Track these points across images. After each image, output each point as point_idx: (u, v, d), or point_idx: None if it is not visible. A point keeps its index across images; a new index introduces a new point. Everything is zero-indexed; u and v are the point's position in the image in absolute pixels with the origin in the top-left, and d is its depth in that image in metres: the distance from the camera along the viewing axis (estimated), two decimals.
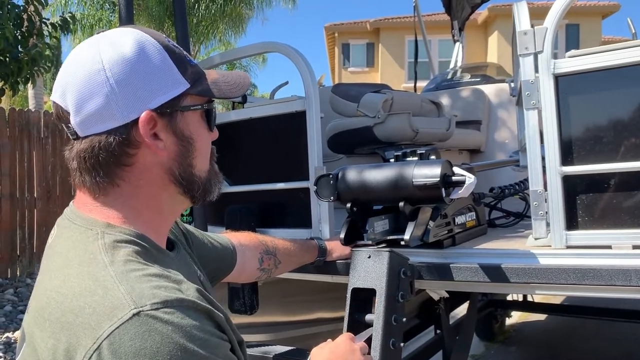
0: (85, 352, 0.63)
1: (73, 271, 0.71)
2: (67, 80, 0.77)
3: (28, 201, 6.18)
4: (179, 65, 0.80)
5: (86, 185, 0.79)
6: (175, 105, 0.80)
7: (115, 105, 0.75)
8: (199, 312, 0.69)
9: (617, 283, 1.21)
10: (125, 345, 0.62)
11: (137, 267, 0.71)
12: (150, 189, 0.81)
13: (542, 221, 1.40)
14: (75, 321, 0.65)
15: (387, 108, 2.47)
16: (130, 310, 0.64)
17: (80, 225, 0.78)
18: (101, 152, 0.76)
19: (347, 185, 1.45)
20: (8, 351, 4.03)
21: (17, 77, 3.83)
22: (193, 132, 0.83)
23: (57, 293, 0.69)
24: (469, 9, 4.65)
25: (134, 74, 0.76)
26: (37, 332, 0.69)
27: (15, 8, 3.77)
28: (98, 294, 0.66)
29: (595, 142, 1.34)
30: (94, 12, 13.14)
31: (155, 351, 0.62)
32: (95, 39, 0.79)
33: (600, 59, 1.33)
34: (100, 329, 0.63)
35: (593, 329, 3.99)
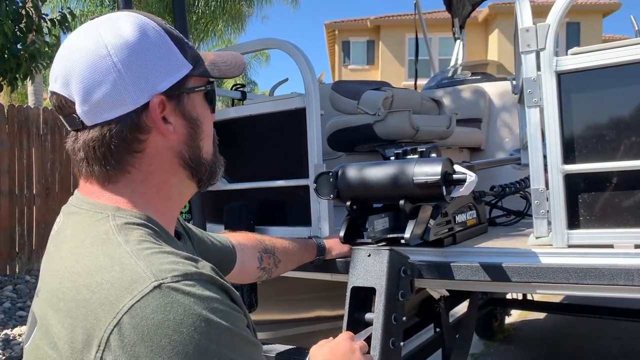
0: (106, 327, 0.61)
1: (86, 250, 0.70)
2: (69, 68, 0.75)
3: (27, 198, 6.17)
4: (180, 47, 0.80)
5: (94, 174, 0.78)
6: (181, 87, 0.79)
7: (125, 90, 0.74)
8: (217, 287, 0.68)
9: (619, 282, 1.20)
10: (148, 318, 0.60)
11: (151, 246, 0.70)
12: (161, 175, 0.80)
13: (544, 220, 1.39)
14: (93, 297, 0.64)
15: (388, 106, 2.46)
16: (152, 283, 0.62)
17: (88, 210, 0.77)
18: (113, 139, 0.75)
19: (347, 183, 1.44)
20: (7, 348, 4.02)
21: (15, 74, 3.82)
22: (199, 114, 0.83)
23: (71, 273, 0.68)
24: (470, 6, 4.63)
25: (140, 58, 0.75)
26: (51, 314, 0.68)
27: (14, 4, 3.75)
28: (115, 270, 0.65)
29: (598, 140, 1.32)
30: (93, 8, 13.11)
31: (179, 323, 0.61)
32: (92, 25, 0.77)
33: (603, 56, 1.32)
34: (120, 303, 0.62)
35: (593, 327, 3.99)
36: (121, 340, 0.60)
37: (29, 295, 5.40)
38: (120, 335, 0.60)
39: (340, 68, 21.11)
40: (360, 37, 20.98)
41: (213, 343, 0.63)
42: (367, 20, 20.47)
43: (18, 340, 4.18)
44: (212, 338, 0.63)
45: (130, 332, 0.60)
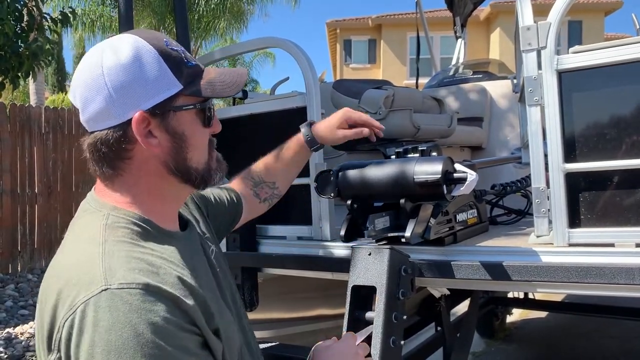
0: (62, 316, 0.72)
1: (77, 246, 0.82)
2: (76, 82, 0.88)
3: (29, 197, 6.18)
4: (174, 68, 0.87)
5: (97, 173, 0.89)
6: (167, 105, 0.87)
7: (112, 106, 0.84)
8: (163, 298, 0.74)
9: (620, 281, 1.20)
10: (89, 317, 0.70)
11: (125, 248, 0.79)
12: (150, 179, 0.89)
13: (544, 219, 1.39)
14: (64, 289, 0.74)
15: (389, 104, 2.46)
16: (101, 286, 0.72)
17: (94, 208, 0.88)
18: (102, 146, 0.86)
19: (348, 181, 1.44)
20: (9, 346, 4.03)
21: (17, 72, 3.82)
22: (186, 130, 0.90)
23: (59, 264, 0.81)
24: (471, 5, 4.62)
25: (128, 78, 0.84)
26: (43, 298, 0.78)
27: (16, 2, 3.75)
28: (84, 269, 0.75)
29: (599, 139, 1.32)
30: (94, 7, 13.11)
31: (110, 326, 0.69)
32: (101, 45, 0.89)
33: (604, 55, 1.32)
34: (76, 299, 0.72)
35: (594, 326, 3.99)
36: (67, 333, 0.71)
37: (30, 294, 5.41)
38: (67, 330, 0.71)
39: (342, 67, 21.09)
40: (361, 35, 20.96)
41: (136, 352, 0.69)
42: (368, 19, 20.45)
43: (20, 339, 4.19)
44: (135, 347, 0.69)
45: (78, 325, 0.70)
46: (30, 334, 4.28)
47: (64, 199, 6.54)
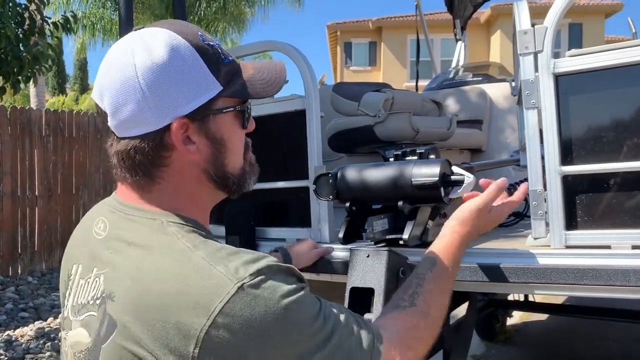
0: (201, 328, 0.69)
1: (159, 258, 0.75)
2: (103, 83, 0.80)
3: (29, 199, 6.19)
4: (212, 66, 0.81)
5: (128, 181, 0.83)
6: (207, 109, 0.81)
7: (148, 112, 0.77)
8: (284, 272, 0.76)
9: (616, 283, 1.20)
10: (237, 316, 0.69)
11: (216, 247, 0.76)
12: (190, 186, 0.84)
13: (542, 221, 1.39)
14: (184, 303, 0.70)
15: (388, 107, 2.47)
16: (235, 285, 0.70)
17: (140, 217, 0.81)
18: (137, 154, 0.79)
19: (347, 184, 1.44)
20: (9, 349, 4.04)
21: (18, 76, 3.83)
22: (225, 133, 0.84)
23: (154, 280, 0.73)
24: (472, 7, 4.64)
25: (166, 81, 0.77)
26: (136, 318, 0.72)
27: (17, 6, 3.77)
28: (199, 275, 0.71)
29: (595, 141, 1.33)
30: (95, 10, 13.14)
31: (264, 315, 0.70)
32: (130, 40, 0.80)
33: (600, 58, 1.32)
34: (211, 306, 0.69)
35: (594, 329, 3.98)
36: (216, 338, 0.69)
37: (30, 296, 5.42)
38: (216, 333, 0.69)
39: (342, 69, 21.12)
40: (362, 38, 21.01)
41: (292, 325, 0.73)
42: (369, 22, 20.49)
43: (20, 342, 4.19)
44: (291, 321, 0.72)
45: (224, 329, 0.69)
46: (30, 337, 4.28)
47: (64, 201, 6.55)
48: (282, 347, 0.72)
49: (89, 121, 6.89)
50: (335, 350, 0.76)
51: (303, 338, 0.74)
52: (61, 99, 22.38)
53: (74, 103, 22.01)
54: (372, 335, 0.82)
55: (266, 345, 0.71)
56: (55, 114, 6.67)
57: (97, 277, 0.80)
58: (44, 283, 5.93)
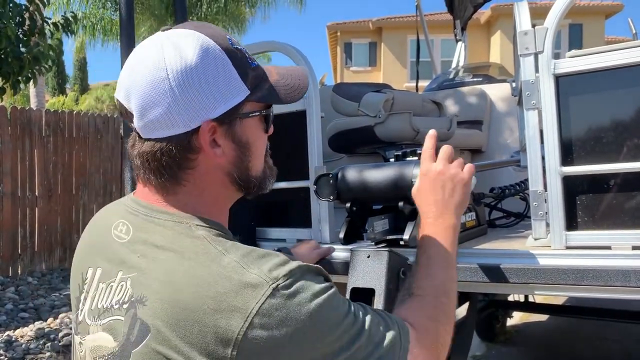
0: (239, 330, 0.69)
1: (192, 262, 0.75)
2: (131, 82, 0.79)
3: (29, 200, 6.19)
4: (240, 70, 0.81)
5: (152, 183, 0.82)
6: (234, 113, 0.81)
7: (178, 114, 0.77)
8: (313, 272, 0.78)
9: (616, 284, 1.20)
10: (273, 316, 0.70)
11: (247, 250, 0.76)
12: (214, 189, 0.84)
13: (542, 221, 1.39)
14: (221, 306, 0.70)
15: (388, 108, 2.47)
16: (270, 287, 0.71)
17: (166, 220, 0.81)
18: (163, 156, 0.79)
19: (347, 184, 1.44)
20: (9, 349, 4.04)
21: (18, 76, 3.83)
22: (250, 137, 0.85)
23: (188, 284, 0.73)
24: (472, 8, 4.64)
25: (197, 83, 0.77)
26: (170, 323, 0.72)
27: (17, 7, 3.77)
28: (234, 279, 0.72)
29: (595, 142, 1.33)
30: (95, 11, 13.15)
31: (298, 314, 0.71)
32: (159, 41, 0.80)
33: (601, 59, 1.33)
34: (248, 308, 0.70)
35: (595, 329, 3.99)
36: (253, 339, 0.70)
37: (30, 296, 5.42)
38: (253, 334, 0.70)
39: (342, 70, 21.13)
40: (362, 38, 21.01)
41: (325, 322, 0.74)
42: (369, 22, 20.51)
43: (20, 342, 4.19)
44: (324, 319, 0.74)
45: (260, 329, 0.70)
46: (30, 337, 4.28)
47: (64, 201, 6.55)
48: (315, 345, 0.73)
49: (89, 122, 6.90)
50: (365, 347, 0.77)
51: (335, 336, 0.75)
52: (61, 99, 22.38)
53: (74, 103, 22.01)
54: (399, 332, 0.83)
55: (301, 343, 0.72)
56: (56, 114, 6.67)
57: (124, 281, 0.79)
58: (44, 283, 5.93)
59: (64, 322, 4.63)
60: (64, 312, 4.91)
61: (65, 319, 4.73)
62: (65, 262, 6.55)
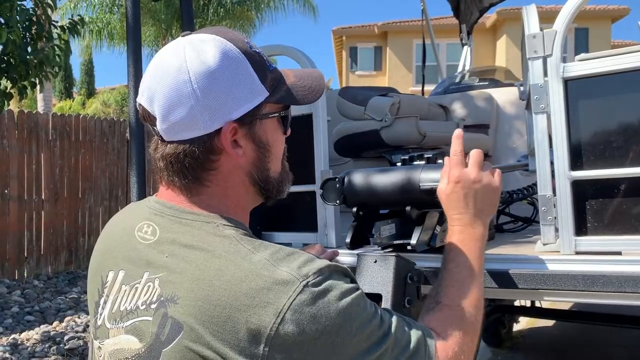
0: (271, 325, 0.71)
1: (223, 261, 0.76)
2: (154, 86, 0.81)
3: (36, 203, 6.21)
4: (259, 72, 0.83)
5: (176, 184, 0.84)
6: (255, 114, 0.83)
7: (200, 116, 0.79)
8: (340, 272, 0.80)
9: (627, 290, 1.19)
10: (304, 312, 0.72)
11: (275, 249, 0.78)
12: (236, 189, 0.87)
13: (551, 226, 1.38)
14: (253, 302, 0.72)
15: (395, 111, 2.47)
16: (301, 283, 0.73)
17: (193, 220, 0.82)
18: (186, 158, 0.82)
19: (354, 189, 1.44)
20: (15, 352, 4.04)
21: (24, 81, 3.84)
22: (269, 138, 0.87)
23: (220, 282, 0.74)
24: (478, 12, 4.64)
25: (218, 86, 0.80)
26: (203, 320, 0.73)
27: (25, 12, 3.78)
28: (266, 276, 0.73)
29: (605, 146, 1.32)
30: (102, 15, 13.22)
31: (328, 311, 0.73)
32: (180, 46, 0.82)
33: (610, 62, 1.31)
34: (279, 304, 0.71)
35: (602, 335, 3.95)
36: (285, 335, 0.71)
37: (36, 300, 5.42)
38: (284, 330, 0.71)
39: (348, 74, 21.14)
40: (367, 43, 21.03)
41: (354, 321, 0.75)
42: (374, 27, 20.51)
43: (26, 345, 4.20)
44: (352, 318, 0.75)
45: (292, 325, 0.71)
46: (36, 340, 4.29)
47: (70, 205, 6.57)
48: (344, 342, 0.74)
49: (95, 125, 6.92)
50: (392, 350, 0.79)
51: (364, 335, 0.76)
52: (68, 103, 22.51)
53: (81, 107, 22.12)
54: (424, 338, 0.84)
55: (330, 341, 0.73)
56: (62, 118, 6.69)
57: (151, 282, 0.80)
58: (50, 287, 5.94)
59: (69, 326, 4.64)
60: (69, 316, 4.92)
61: (70, 322, 4.73)
62: (71, 266, 6.57)
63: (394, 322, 0.82)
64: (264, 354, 0.71)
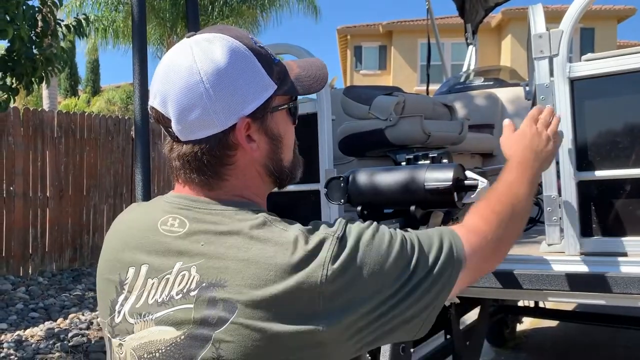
0: (320, 280, 0.76)
1: (262, 240, 0.80)
2: (166, 89, 0.83)
3: (40, 200, 6.24)
4: (266, 67, 0.86)
5: (195, 181, 0.87)
6: (266, 108, 0.86)
7: (214, 114, 0.82)
8: (357, 220, 0.87)
9: (632, 291, 1.18)
10: (344, 258, 0.78)
11: (300, 225, 0.83)
12: (254, 180, 0.90)
13: (556, 227, 1.38)
14: (300, 268, 0.77)
15: (399, 111, 2.46)
16: (334, 237, 0.80)
17: (222, 210, 0.85)
18: (205, 155, 0.84)
19: (358, 188, 1.43)
20: (19, 349, 4.06)
21: (31, 77, 3.86)
22: (281, 130, 0.90)
23: (265, 258, 0.78)
24: (483, 12, 4.62)
25: (230, 83, 0.82)
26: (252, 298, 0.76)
27: (31, 9, 3.80)
28: (304, 246, 0.79)
29: (612, 147, 1.31)
30: (107, 14, 13.24)
31: (364, 249, 0.80)
32: (187, 46, 0.85)
33: (617, 62, 1.31)
34: (323, 259, 0.78)
35: (605, 336, 3.94)
36: (333, 284, 0.77)
37: (41, 296, 5.45)
38: (332, 278, 0.77)
39: (352, 73, 21.12)
40: (372, 42, 21.00)
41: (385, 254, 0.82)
42: (379, 26, 20.49)
43: (30, 342, 4.22)
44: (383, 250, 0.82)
45: (338, 273, 0.77)
46: (40, 337, 4.31)
47: (75, 202, 6.59)
48: (383, 270, 0.81)
49: (100, 123, 6.94)
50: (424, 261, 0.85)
51: (400, 259, 0.83)
52: (73, 101, 22.54)
53: (86, 105, 22.16)
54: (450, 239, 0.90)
55: (371, 275, 0.80)
56: (67, 115, 6.72)
57: (185, 270, 0.81)
58: (54, 283, 5.96)
59: (73, 323, 4.66)
60: (73, 313, 4.93)
61: (75, 319, 4.75)
62: (76, 263, 6.59)
63: (420, 238, 0.88)
64: (320, 309, 0.76)
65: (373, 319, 0.80)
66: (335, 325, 0.77)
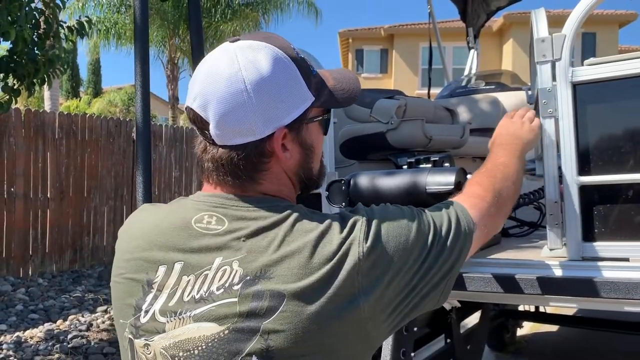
0: (358, 257, 0.82)
1: (303, 232, 0.84)
2: (208, 93, 0.85)
3: (41, 201, 6.23)
4: (305, 78, 0.88)
5: (229, 183, 0.89)
6: (302, 119, 0.88)
7: (255, 123, 0.84)
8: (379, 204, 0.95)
9: (635, 297, 1.18)
10: (375, 234, 0.85)
11: (331, 214, 0.89)
12: (286, 186, 0.93)
13: (558, 231, 1.37)
14: (340, 250, 0.82)
15: (401, 114, 2.46)
16: (364, 219, 0.86)
17: (259, 208, 0.87)
18: (241, 160, 0.86)
19: (359, 191, 1.43)
20: (18, 350, 4.05)
21: (33, 79, 3.87)
22: (314, 140, 0.93)
23: (308, 247, 0.83)
24: (485, 16, 4.62)
25: (272, 94, 0.84)
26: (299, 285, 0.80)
27: (33, 11, 3.81)
28: (340, 232, 0.84)
29: (614, 151, 1.31)
30: (110, 15, 13.26)
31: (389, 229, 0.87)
32: (232, 53, 0.86)
33: (619, 67, 1.31)
34: (357, 238, 0.84)
35: (606, 341, 3.93)
36: (368, 260, 0.83)
37: (41, 298, 5.44)
38: (367, 255, 0.83)
39: None
40: (373, 45, 21.03)
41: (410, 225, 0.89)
42: (381, 29, 20.52)
43: (30, 343, 4.21)
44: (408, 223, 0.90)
45: (371, 248, 0.84)
46: (39, 338, 4.30)
47: (76, 204, 6.59)
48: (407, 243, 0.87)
49: (101, 125, 6.94)
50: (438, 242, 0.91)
51: (420, 232, 0.89)
52: (75, 102, 22.57)
53: (87, 106, 22.19)
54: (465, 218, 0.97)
55: (399, 246, 0.86)
56: (69, 117, 6.72)
57: (227, 265, 0.83)
58: (54, 285, 5.96)
59: (73, 324, 4.65)
60: (73, 314, 4.93)
61: (74, 320, 4.74)
62: (76, 264, 6.58)
63: (432, 212, 0.96)
64: (361, 285, 0.81)
65: (406, 289, 0.86)
66: (371, 299, 0.82)
